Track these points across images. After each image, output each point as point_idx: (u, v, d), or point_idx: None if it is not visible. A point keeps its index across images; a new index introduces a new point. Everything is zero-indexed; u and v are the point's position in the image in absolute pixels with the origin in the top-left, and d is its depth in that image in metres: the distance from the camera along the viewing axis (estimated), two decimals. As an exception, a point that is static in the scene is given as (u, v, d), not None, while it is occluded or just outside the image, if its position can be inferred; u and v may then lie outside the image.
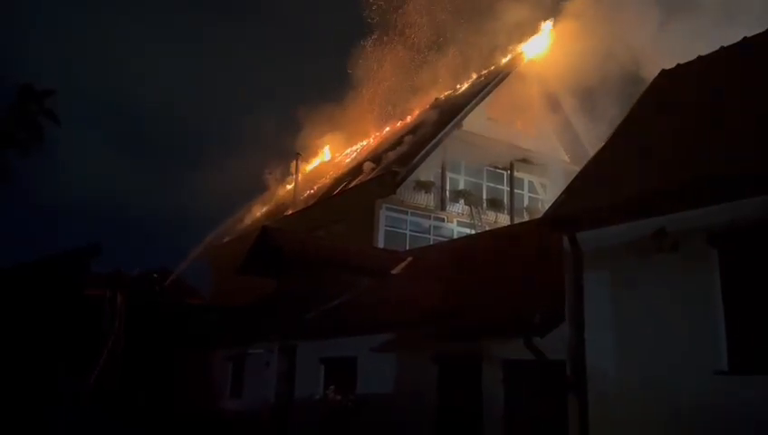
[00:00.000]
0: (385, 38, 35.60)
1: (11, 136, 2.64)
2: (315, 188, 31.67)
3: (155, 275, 24.53)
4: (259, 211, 35.11)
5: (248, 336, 16.66)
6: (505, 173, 25.50)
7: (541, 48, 26.64)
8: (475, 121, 24.31)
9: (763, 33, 9.66)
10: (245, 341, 16.49)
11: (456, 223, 23.44)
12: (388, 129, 33.16)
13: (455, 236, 22.39)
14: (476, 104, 24.88)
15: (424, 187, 22.83)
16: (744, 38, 9.91)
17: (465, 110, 24.58)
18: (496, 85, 25.65)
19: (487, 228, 22.31)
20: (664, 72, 11.10)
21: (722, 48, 10.27)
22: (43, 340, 10.57)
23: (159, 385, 17.84)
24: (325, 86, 55.90)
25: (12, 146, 2.71)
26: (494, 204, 24.49)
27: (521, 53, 27.29)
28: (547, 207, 9.04)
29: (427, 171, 23.15)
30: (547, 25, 26.93)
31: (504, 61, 28.36)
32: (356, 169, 28.33)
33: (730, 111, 8.51)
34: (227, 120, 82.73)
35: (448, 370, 10.45)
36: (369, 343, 11.79)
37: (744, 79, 9.09)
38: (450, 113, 25.25)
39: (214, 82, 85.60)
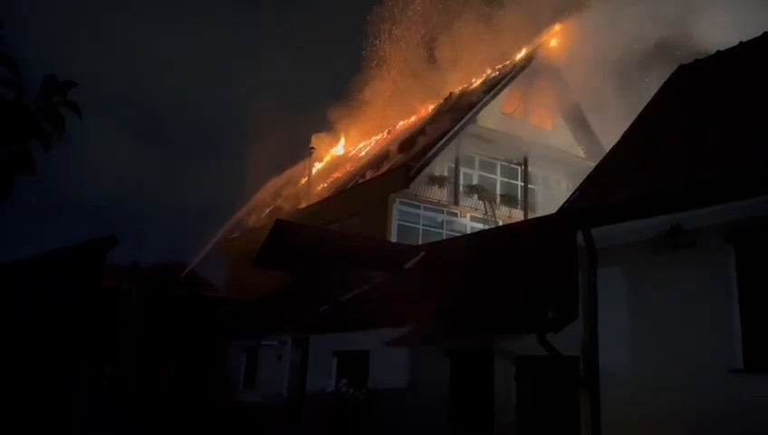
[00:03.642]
0: (400, 33, 35.61)
1: (35, 127, 2.69)
2: (329, 181, 31.75)
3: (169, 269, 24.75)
4: (272, 204, 35.27)
5: (262, 328, 16.78)
6: (519, 168, 25.43)
7: (556, 43, 26.48)
8: (489, 116, 24.25)
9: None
10: (259, 333, 16.60)
11: (470, 218, 23.41)
12: (402, 123, 33.15)
13: (468, 231, 22.36)
14: (491, 99, 24.83)
15: (437, 181, 22.82)
16: (765, 33, 9.80)
17: (480, 105, 24.53)
18: (511, 80, 25.57)
19: (501, 223, 22.28)
20: (681, 68, 11.00)
21: (741, 43, 10.16)
22: (62, 329, 10.72)
23: (174, 376, 18.02)
24: (341, 80, 55.97)
25: (35, 137, 2.75)
26: (508, 199, 24.43)
27: (536, 48, 27.14)
28: (561, 203, 8.99)
29: (440, 166, 23.15)
30: (563, 21, 26.77)
31: (518, 56, 28.22)
32: (370, 164, 28.37)
33: (748, 106, 8.42)
34: (242, 114, 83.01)
35: (461, 364, 10.46)
36: (382, 336, 11.83)
37: (763, 74, 8.98)
38: (464, 108, 25.20)
39: (229, 78, 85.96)
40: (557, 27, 26.99)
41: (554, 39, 26.79)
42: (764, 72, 9.05)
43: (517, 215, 24.03)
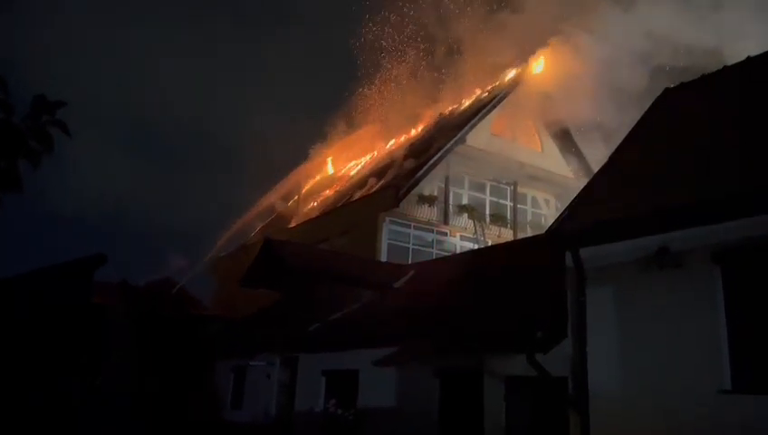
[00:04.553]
0: (390, 53, 35.93)
1: (24, 145, 2.70)
2: (319, 200, 31.74)
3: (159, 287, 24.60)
4: (262, 223, 35.20)
5: (250, 347, 16.64)
6: (509, 188, 25.57)
7: (545, 64, 26.78)
8: (478, 137, 24.40)
9: (766, 53, 9.74)
10: (247, 352, 16.46)
11: (459, 237, 23.44)
12: (392, 142, 33.30)
13: (457, 251, 22.38)
14: (480, 120, 25.00)
15: (427, 201, 22.87)
16: (748, 57, 9.99)
17: (469, 125, 24.68)
18: (500, 101, 25.78)
19: (490, 243, 22.33)
20: (668, 90, 11.17)
21: (725, 67, 10.35)
22: (55, 341, 10.69)
23: (163, 393, 17.82)
24: (330, 100, 56.23)
25: (24, 155, 2.76)
26: (498, 219, 24.50)
27: (525, 70, 27.43)
28: (550, 223, 9.05)
29: (430, 185, 23.23)
30: (554, 41, 27.09)
31: (508, 77, 28.52)
32: (360, 183, 28.42)
33: (733, 128, 8.55)
34: (232, 132, 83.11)
35: (450, 385, 10.41)
36: (371, 356, 11.76)
37: (747, 98, 9.14)
38: (454, 128, 25.36)
39: (220, 95, 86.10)
40: (547, 48, 27.30)
41: (544, 60, 27.07)
42: (748, 94, 9.21)
43: (507, 235, 24.08)
